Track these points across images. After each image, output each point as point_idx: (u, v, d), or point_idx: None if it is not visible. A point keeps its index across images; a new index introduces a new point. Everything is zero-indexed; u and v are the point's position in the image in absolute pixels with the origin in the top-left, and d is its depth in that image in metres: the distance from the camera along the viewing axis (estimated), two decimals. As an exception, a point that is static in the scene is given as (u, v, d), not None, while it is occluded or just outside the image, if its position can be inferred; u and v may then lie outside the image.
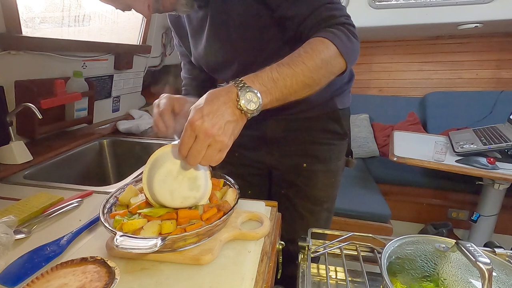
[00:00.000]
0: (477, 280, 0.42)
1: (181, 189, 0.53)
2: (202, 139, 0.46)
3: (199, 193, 0.54)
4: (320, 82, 0.59)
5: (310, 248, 0.61)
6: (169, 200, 0.53)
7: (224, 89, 0.50)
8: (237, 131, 0.51)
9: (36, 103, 0.91)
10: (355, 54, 0.62)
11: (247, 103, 0.49)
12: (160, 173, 0.53)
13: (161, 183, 0.52)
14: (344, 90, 0.83)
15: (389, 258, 0.47)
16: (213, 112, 0.47)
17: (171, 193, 0.52)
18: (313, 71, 0.55)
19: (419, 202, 2.11)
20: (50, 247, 0.51)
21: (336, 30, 0.59)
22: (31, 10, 1.05)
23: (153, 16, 1.65)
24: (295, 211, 0.87)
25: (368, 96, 2.63)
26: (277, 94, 0.53)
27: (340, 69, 0.61)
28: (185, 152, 0.48)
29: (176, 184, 0.53)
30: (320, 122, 0.83)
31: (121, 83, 1.54)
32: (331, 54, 0.57)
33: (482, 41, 2.36)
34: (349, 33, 0.60)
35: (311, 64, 0.55)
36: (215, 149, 0.48)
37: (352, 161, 0.92)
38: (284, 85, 0.53)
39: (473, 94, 2.35)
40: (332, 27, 0.60)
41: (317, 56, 0.56)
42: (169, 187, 0.52)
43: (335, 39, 0.57)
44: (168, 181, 0.52)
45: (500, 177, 1.33)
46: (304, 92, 0.57)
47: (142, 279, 0.45)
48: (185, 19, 0.79)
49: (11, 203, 0.66)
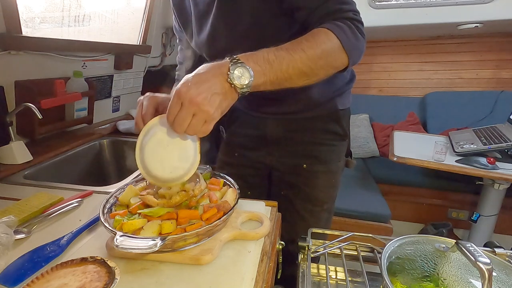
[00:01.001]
0: (477, 280, 0.42)
1: (170, 158, 0.54)
2: (187, 106, 0.47)
3: (188, 164, 0.55)
4: (319, 74, 0.58)
5: (310, 248, 0.61)
6: (160, 169, 0.54)
7: (217, 63, 0.50)
8: (225, 105, 0.50)
9: (36, 103, 0.91)
10: (359, 51, 0.61)
11: (238, 78, 0.49)
12: (151, 141, 0.54)
13: (152, 152, 0.54)
14: (344, 90, 0.83)
15: (389, 258, 0.47)
16: (201, 82, 0.47)
17: (161, 162, 0.54)
18: (311, 59, 0.55)
19: (419, 202, 2.11)
20: (50, 247, 0.51)
21: (342, 24, 0.58)
22: (31, 10, 1.05)
23: (153, 16, 1.65)
24: (295, 212, 0.86)
25: (368, 96, 2.63)
26: (271, 76, 0.52)
27: (342, 64, 0.60)
28: (171, 118, 0.49)
29: (166, 153, 0.54)
30: (321, 123, 0.82)
31: (121, 83, 1.54)
32: (333, 47, 0.56)
33: (482, 41, 2.36)
34: (356, 30, 0.59)
35: (310, 52, 0.54)
36: (200, 119, 0.48)
37: (351, 161, 0.92)
38: (280, 69, 0.52)
39: (473, 94, 2.35)
40: (339, 20, 0.59)
41: (317, 46, 0.55)
42: (160, 156, 0.54)
43: (339, 33, 0.56)
44: (158, 150, 0.54)
45: (500, 177, 1.33)
46: (300, 80, 0.56)
47: (142, 279, 0.45)
48: (191, 2, 0.77)
49: (11, 203, 0.66)
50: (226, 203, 0.54)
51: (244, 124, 0.92)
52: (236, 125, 0.94)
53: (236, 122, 0.94)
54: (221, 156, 0.98)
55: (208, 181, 0.63)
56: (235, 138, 0.94)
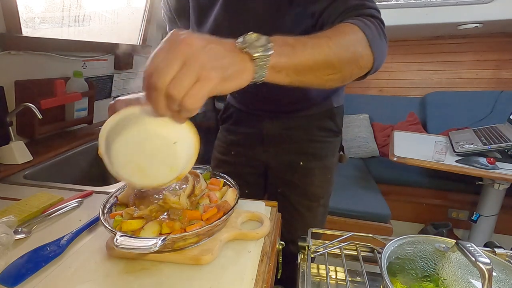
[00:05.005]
0: (477, 280, 0.42)
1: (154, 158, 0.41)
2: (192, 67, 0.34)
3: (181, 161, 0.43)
4: (344, 70, 0.50)
5: (310, 248, 0.61)
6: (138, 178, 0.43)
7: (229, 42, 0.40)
8: (237, 82, 0.38)
9: (36, 103, 0.91)
10: (383, 54, 0.55)
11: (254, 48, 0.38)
12: (124, 139, 0.40)
13: (125, 155, 0.41)
14: (339, 88, 0.84)
15: (389, 258, 0.47)
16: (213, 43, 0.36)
17: (140, 168, 0.42)
18: (337, 52, 0.47)
19: (419, 202, 2.11)
20: (50, 247, 0.51)
21: (367, 21, 0.53)
22: (31, 10, 1.05)
23: (153, 16, 1.65)
24: (292, 209, 0.87)
25: (368, 96, 2.62)
26: (295, 60, 0.43)
27: (367, 63, 0.52)
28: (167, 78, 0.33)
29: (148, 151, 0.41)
30: (316, 120, 0.83)
31: (121, 83, 1.54)
32: (360, 41, 0.50)
33: (482, 41, 2.36)
34: (380, 29, 0.54)
35: (336, 40, 0.47)
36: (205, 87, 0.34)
37: (344, 156, 0.93)
38: (303, 54, 0.43)
39: (473, 94, 2.35)
40: (362, 17, 0.54)
41: (343, 38, 0.48)
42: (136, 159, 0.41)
43: (365, 28, 0.51)
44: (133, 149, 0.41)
45: (500, 177, 1.32)
46: (325, 72, 0.48)
47: (142, 279, 0.45)
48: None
49: (11, 203, 0.66)
50: (226, 203, 0.54)
51: (240, 122, 0.92)
52: (232, 123, 0.94)
53: (232, 120, 0.94)
54: (217, 154, 0.98)
55: (208, 181, 0.63)
56: (231, 136, 0.94)
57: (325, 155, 0.86)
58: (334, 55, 0.47)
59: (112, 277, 0.45)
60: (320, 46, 0.45)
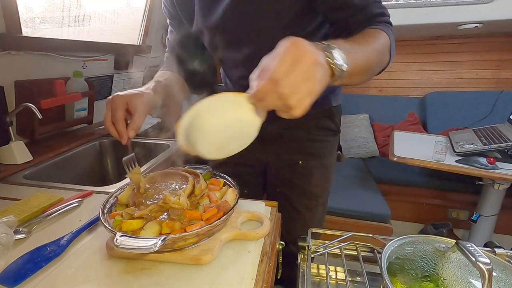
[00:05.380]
0: (477, 280, 0.42)
1: (232, 140, 0.49)
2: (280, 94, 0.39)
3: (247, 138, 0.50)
4: (375, 70, 0.57)
5: (310, 248, 0.61)
6: (214, 154, 0.49)
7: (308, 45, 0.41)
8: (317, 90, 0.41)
9: (36, 103, 0.91)
10: (393, 56, 0.61)
11: (337, 59, 0.42)
12: (217, 122, 0.46)
13: (213, 135, 0.46)
14: (337, 87, 0.85)
15: (389, 258, 0.47)
16: (320, 57, 0.40)
17: (220, 146, 0.48)
18: (375, 56, 0.53)
19: (419, 202, 2.11)
20: (50, 247, 0.51)
21: (387, 28, 0.59)
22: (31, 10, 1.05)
23: (153, 16, 1.65)
24: (292, 208, 0.88)
25: (368, 96, 2.62)
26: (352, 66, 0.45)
27: (385, 64, 0.59)
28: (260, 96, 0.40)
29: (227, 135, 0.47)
30: (315, 120, 0.84)
31: (121, 83, 1.54)
32: (387, 45, 0.57)
33: (482, 41, 2.36)
34: (393, 34, 0.61)
35: (374, 45, 0.53)
36: (310, 100, 0.41)
37: (342, 155, 0.94)
38: (356, 58, 0.47)
39: (473, 94, 2.35)
40: (382, 24, 0.60)
41: (377, 42, 0.55)
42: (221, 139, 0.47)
43: (389, 33, 0.58)
44: (222, 131, 0.47)
45: (500, 177, 1.32)
46: (366, 75, 0.54)
47: (142, 279, 0.45)
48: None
49: (11, 203, 0.66)
50: (226, 203, 0.54)
51: None
52: None
53: None
54: None
55: (208, 181, 0.63)
56: None
57: (324, 154, 0.86)
58: (373, 59, 0.53)
59: (112, 277, 0.45)
60: (365, 51, 0.50)
